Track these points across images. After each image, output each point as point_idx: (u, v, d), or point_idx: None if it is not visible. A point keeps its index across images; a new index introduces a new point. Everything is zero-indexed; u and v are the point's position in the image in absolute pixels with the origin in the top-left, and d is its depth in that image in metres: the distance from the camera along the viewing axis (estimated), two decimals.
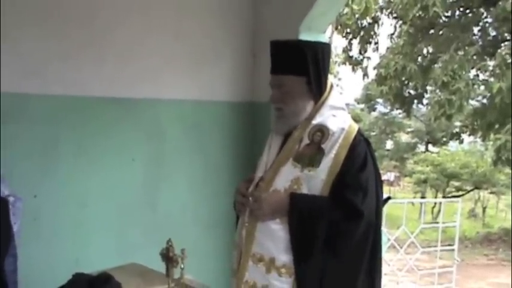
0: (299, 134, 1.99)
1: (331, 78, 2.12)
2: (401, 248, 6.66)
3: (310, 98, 2.01)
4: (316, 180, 1.91)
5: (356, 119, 21.46)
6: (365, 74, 11.89)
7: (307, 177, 1.92)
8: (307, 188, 1.93)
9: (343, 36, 11.27)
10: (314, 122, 1.98)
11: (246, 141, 3.75)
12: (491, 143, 11.66)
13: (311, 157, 1.93)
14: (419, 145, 22.76)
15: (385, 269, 6.54)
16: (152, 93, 3.46)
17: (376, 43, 11.37)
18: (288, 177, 1.96)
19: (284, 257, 1.92)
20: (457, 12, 10.87)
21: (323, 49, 2.05)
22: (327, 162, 1.91)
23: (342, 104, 2.08)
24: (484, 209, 19.58)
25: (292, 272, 1.92)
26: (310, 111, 2.01)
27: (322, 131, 1.95)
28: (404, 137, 23.76)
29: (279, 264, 1.92)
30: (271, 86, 2.06)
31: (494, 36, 10.47)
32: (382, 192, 2.01)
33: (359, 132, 1.98)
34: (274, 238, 1.93)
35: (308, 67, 1.98)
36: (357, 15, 10.02)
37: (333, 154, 1.91)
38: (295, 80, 1.99)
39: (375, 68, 11.71)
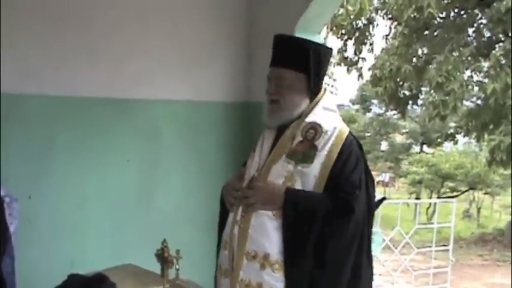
0: (292, 132, 2.02)
1: (325, 80, 2.15)
2: (396, 248, 6.67)
3: (306, 96, 2.06)
4: (309, 177, 1.94)
5: (351, 119, 21.59)
6: (360, 75, 11.85)
7: (301, 173, 1.94)
8: (301, 184, 1.95)
9: (338, 37, 11.25)
10: (307, 120, 2.01)
11: (241, 142, 3.75)
12: (485, 143, 11.71)
13: (304, 153, 1.96)
14: (414, 146, 22.80)
15: (380, 269, 6.58)
16: (147, 94, 3.46)
17: (371, 44, 11.34)
18: (281, 174, 1.98)
19: (278, 253, 1.92)
20: (452, 14, 10.88)
21: (325, 52, 2.12)
22: (320, 159, 1.94)
23: (334, 107, 2.13)
24: (478, 209, 19.64)
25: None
26: (304, 108, 2.04)
27: (315, 128, 1.99)
28: (399, 138, 23.80)
29: (273, 261, 1.92)
30: (268, 79, 2.08)
31: (488, 37, 10.48)
32: (374, 193, 2.03)
33: (350, 133, 2.02)
34: (268, 234, 1.94)
35: (310, 65, 2.02)
36: (351, 16, 10.02)
37: (325, 151, 1.94)
38: (295, 75, 2.03)
39: (369, 69, 11.70)
